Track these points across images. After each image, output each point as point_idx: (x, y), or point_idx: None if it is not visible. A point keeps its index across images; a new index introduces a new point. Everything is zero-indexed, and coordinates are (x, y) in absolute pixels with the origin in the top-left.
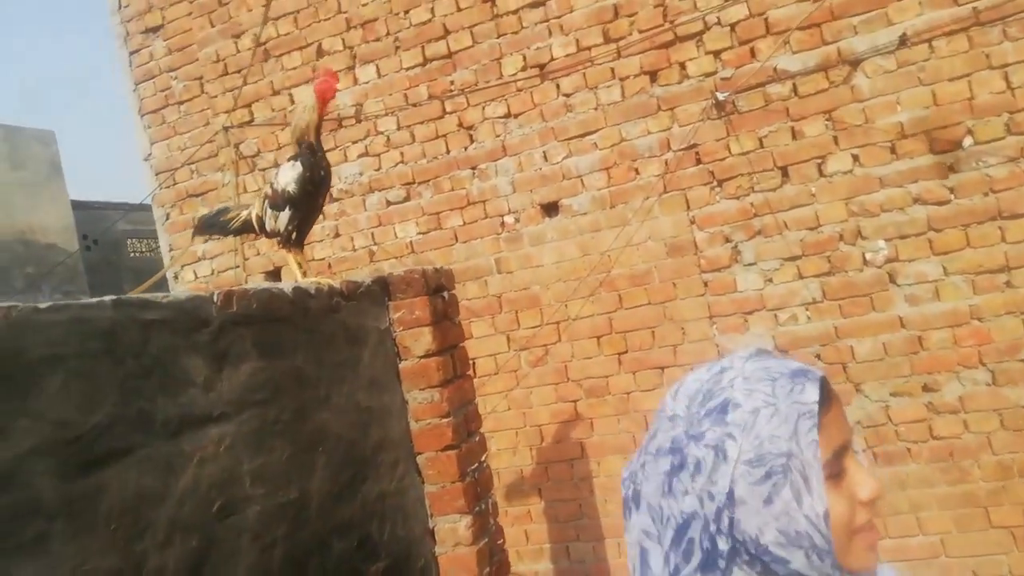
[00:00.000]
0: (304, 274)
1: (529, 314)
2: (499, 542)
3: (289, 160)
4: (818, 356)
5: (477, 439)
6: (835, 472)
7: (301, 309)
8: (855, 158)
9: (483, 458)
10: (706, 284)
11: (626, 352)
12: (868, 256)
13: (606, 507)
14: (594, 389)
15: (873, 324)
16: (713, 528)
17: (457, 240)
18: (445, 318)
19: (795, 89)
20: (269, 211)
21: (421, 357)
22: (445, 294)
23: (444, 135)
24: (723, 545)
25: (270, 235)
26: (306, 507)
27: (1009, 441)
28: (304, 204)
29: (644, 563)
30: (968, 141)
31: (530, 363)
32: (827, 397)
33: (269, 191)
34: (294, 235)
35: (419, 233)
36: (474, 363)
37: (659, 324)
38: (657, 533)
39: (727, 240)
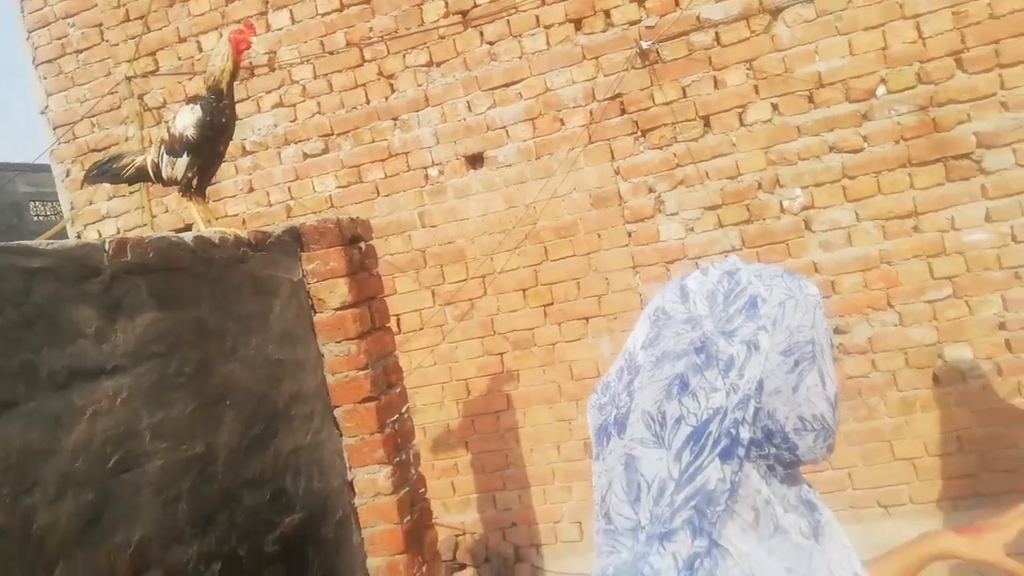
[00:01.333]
0: (208, 223)
1: (454, 268)
2: (420, 491)
3: (188, 103)
4: None
5: (398, 391)
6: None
7: (204, 259)
8: (774, 107)
9: (404, 409)
10: (630, 234)
11: (552, 304)
12: (785, 204)
13: (531, 456)
14: (520, 341)
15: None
16: (739, 417)
17: (379, 194)
18: (362, 269)
19: (717, 38)
20: (166, 157)
21: (337, 309)
22: (362, 244)
23: (363, 84)
24: (745, 434)
25: (167, 183)
26: (213, 461)
27: (913, 378)
28: (204, 150)
29: (632, 470)
30: (881, 90)
31: (456, 318)
32: None
33: (166, 135)
34: (194, 182)
35: (339, 187)
36: (398, 319)
37: (584, 275)
38: (656, 438)
39: (651, 190)
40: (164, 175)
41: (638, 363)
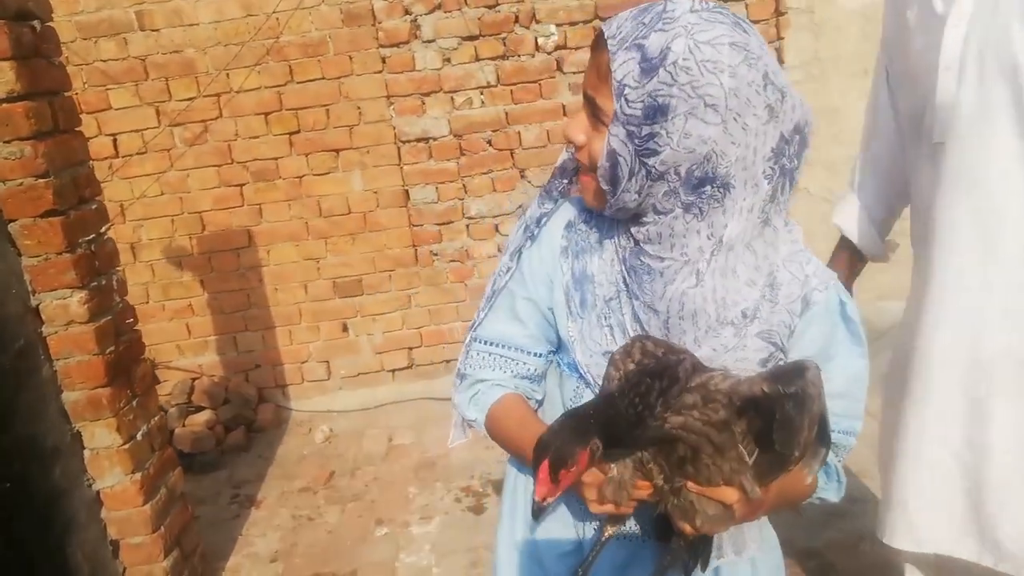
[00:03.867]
0: None
1: (182, 83)
2: (128, 321)
3: None
4: (489, 142)
5: (94, 207)
6: None
7: None
8: None
9: (103, 230)
10: (384, 60)
11: (298, 132)
12: (540, 41)
13: (276, 296)
14: (262, 172)
15: (539, 111)
16: None
17: None
18: (37, 55)
19: None
20: None
21: (1, 100)
22: (36, 24)
23: None
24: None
25: None
26: None
27: None
28: None
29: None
30: None
31: (186, 141)
32: None
33: None
34: None
35: None
36: (115, 139)
37: (334, 102)
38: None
39: (407, 12)
40: None
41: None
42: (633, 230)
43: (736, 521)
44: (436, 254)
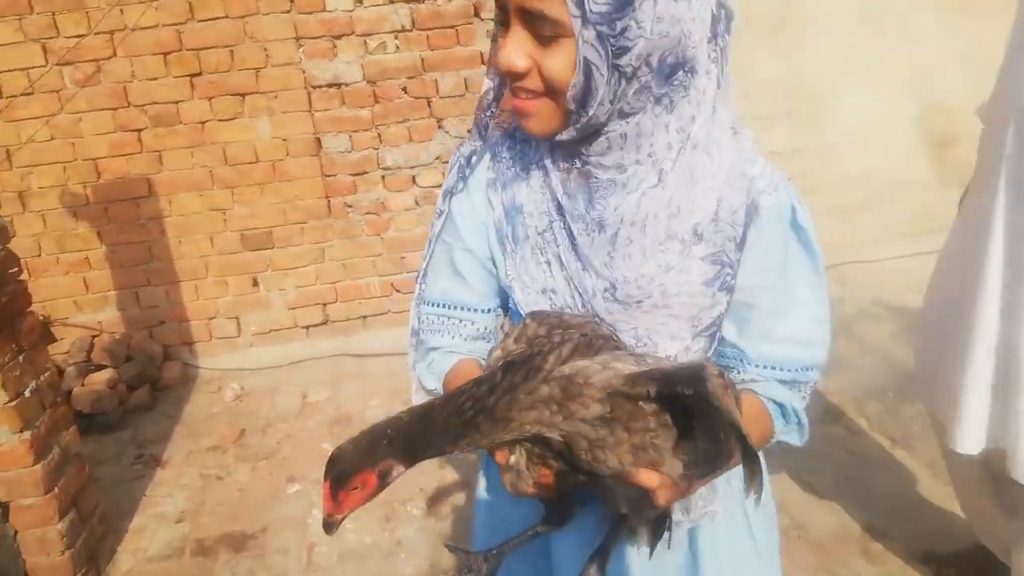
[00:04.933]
0: None
1: (71, 18)
2: (11, 271)
3: None
4: (404, 90)
5: None
6: None
7: None
8: None
9: None
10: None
11: (200, 74)
12: None
13: (180, 249)
14: (162, 117)
15: (457, 59)
16: None
17: None
18: None
19: None
20: None
21: None
22: None
23: None
24: None
25: None
26: None
27: None
28: None
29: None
30: None
31: (77, 82)
32: None
33: None
34: None
35: None
36: None
37: (239, 43)
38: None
39: None
40: None
41: None
42: (583, 148)
43: (663, 504)
44: (350, 206)
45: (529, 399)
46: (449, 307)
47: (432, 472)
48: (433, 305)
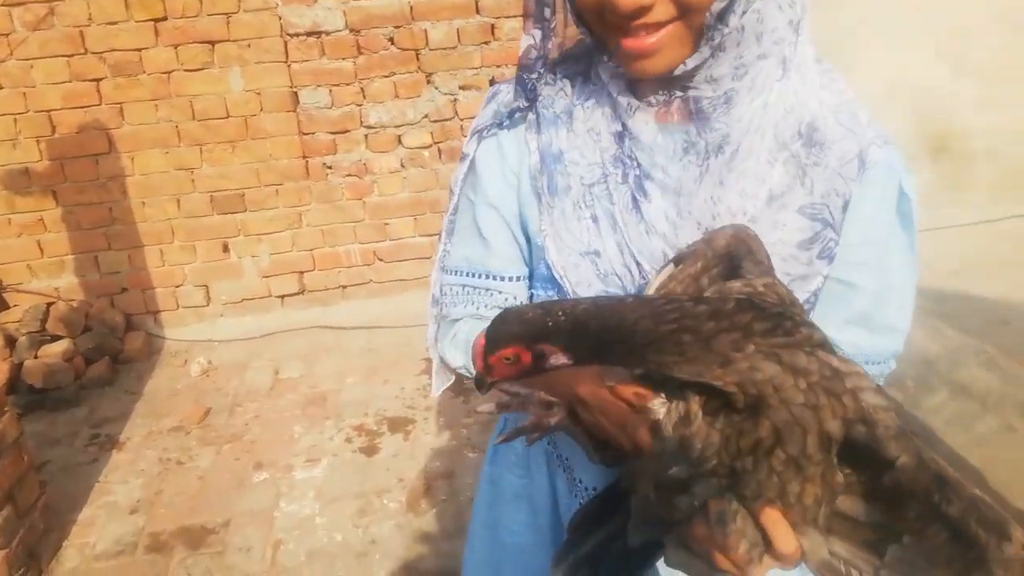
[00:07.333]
0: None
1: None
2: None
3: None
4: (391, 40)
5: None
6: None
7: None
8: None
9: None
10: None
11: (165, 19)
12: None
13: (144, 211)
14: (123, 66)
15: (448, 7)
16: None
17: None
18: None
19: None
20: None
21: None
22: None
23: None
24: None
25: None
26: None
27: None
28: None
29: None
30: None
31: (27, 25)
32: None
33: None
34: None
35: None
36: None
37: None
38: None
39: None
40: None
41: None
42: (694, 71)
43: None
44: (330, 167)
45: (789, 356)
46: (473, 275)
47: (412, 460)
48: (455, 274)
